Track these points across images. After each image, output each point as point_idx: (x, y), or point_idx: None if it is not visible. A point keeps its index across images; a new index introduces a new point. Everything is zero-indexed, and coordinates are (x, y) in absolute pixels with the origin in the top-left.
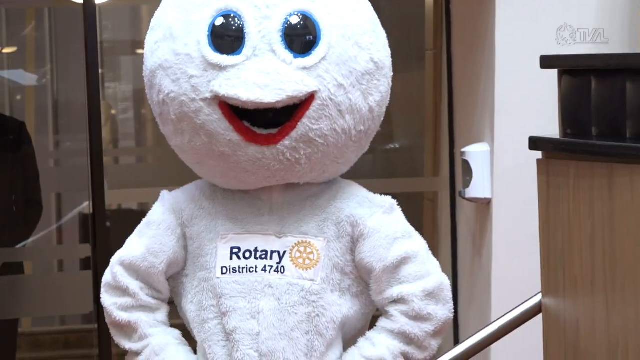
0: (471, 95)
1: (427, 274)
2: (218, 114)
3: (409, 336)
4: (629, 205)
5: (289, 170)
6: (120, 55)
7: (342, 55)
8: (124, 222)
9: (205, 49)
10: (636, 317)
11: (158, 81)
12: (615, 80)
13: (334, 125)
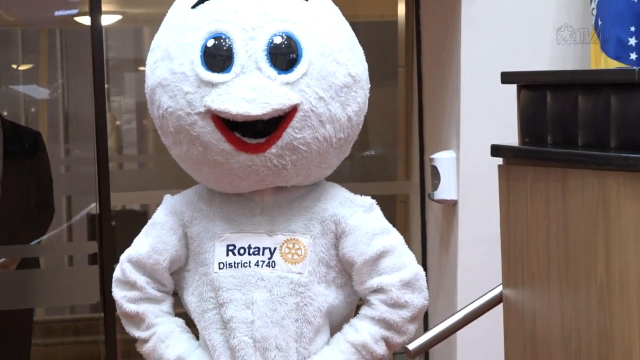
0: (439, 107)
1: (403, 266)
2: (211, 126)
3: (389, 322)
4: (580, 206)
5: (276, 175)
6: (124, 71)
7: (322, 71)
8: (127, 222)
9: (198, 67)
10: (587, 307)
11: (158, 97)
12: (568, 94)
13: (316, 134)
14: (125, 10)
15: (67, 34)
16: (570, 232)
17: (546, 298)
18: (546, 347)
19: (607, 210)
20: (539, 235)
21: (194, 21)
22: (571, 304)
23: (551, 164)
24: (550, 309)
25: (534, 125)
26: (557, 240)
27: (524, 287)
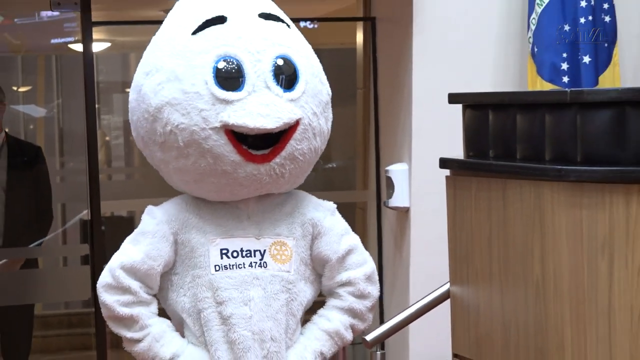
0: (393, 124)
1: (365, 262)
2: (224, 140)
3: (355, 311)
4: (518, 212)
5: (274, 183)
6: (113, 93)
7: (314, 90)
8: (116, 227)
9: (212, 87)
10: (525, 303)
11: (165, 115)
12: (507, 113)
13: (310, 145)
14: (113, 39)
15: (62, 59)
16: (509, 235)
17: (488, 294)
18: (488, 338)
19: (542, 216)
20: (482, 238)
21: (200, 46)
22: (510, 299)
23: (493, 175)
24: (492, 304)
25: (478, 140)
26: (498, 242)
27: (468, 285)
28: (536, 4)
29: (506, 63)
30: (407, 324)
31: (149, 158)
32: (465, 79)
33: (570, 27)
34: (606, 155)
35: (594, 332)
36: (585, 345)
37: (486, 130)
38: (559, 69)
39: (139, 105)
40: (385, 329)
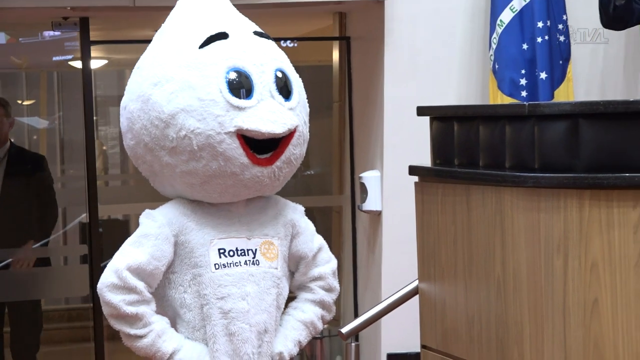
0: (366, 135)
1: (330, 259)
2: (237, 143)
3: (325, 303)
4: (481, 216)
5: (271, 185)
6: (109, 106)
7: (303, 100)
8: (112, 229)
9: (227, 95)
10: (487, 298)
11: (180, 121)
12: (471, 124)
13: (302, 150)
14: (110, 56)
15: (62, 75)
16: (473, 236)
17: (453, 290)
18: (454, 331)
19: (502, 219)
20: (448, 239)
21: (210, 58)
22: (474, 295)
23: (457, 182)
24: (457, 299)
25: (444, 149)
26: (463, 243)
27: (435, 282)
28: (497, 25)
29: (469, 79)
30: (380, 317)
31: (148, 165)
32: (432, 93)
33: (528, 46)
34: (561, 163)
35: (550, 325)
36: (542, 337)
37: (451, 140)
38: (518, 84)
39: (146, 113)
40: (359, 322)
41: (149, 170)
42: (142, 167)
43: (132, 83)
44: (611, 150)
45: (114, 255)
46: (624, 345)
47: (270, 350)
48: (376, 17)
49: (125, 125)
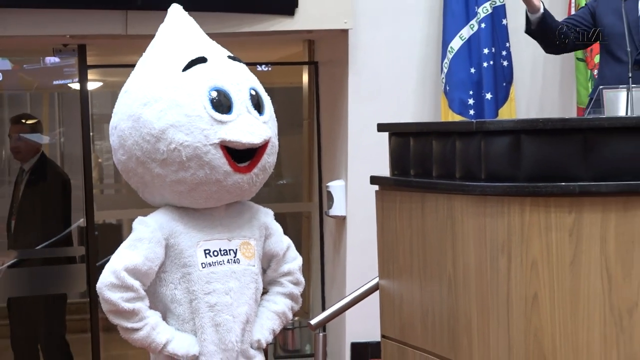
0: (332, 148)
1: (297, 256)
2: (220, 153)
3: (293, 295)
4: (434, 220)
5: (248, 190)
6: (104, 123)
7: (272, 115)
8: (107, 232)
9: (210, 111)
10: (439, 293)
11: (170, 136)
12: (425, 139)
13: (273, 159)
14: (105, 79)
15: (63, 96)
16: (427, 239)
17: (410, 286)
18: (410, 322)
19: (453, 223)
20: (405, 241)
21: (193, 79)
22: (428, 291)
23: (413, 190)
24: (413, 294)
25: (401, 162)
26: (418, 244)
27: (394, 279)
28: (448, 52)
29: (424, 99)
30: (344, 310)
31: (139, 177)
32: (391, 112)
33: (475, 70)
34: (505, 174)
35: (495, 317)
36: (488, 328)
37: (408, 153)
38: (466, 104)
39: (138, 130)
40: (326, 314)
41: (140, 182)
42: (133, 180)
43: (120, 105)
44: (549, 162)
45: (109, 256)
46: (560, 335)
47: (250, 338)
48: (341, 44)
49: (117, 142)
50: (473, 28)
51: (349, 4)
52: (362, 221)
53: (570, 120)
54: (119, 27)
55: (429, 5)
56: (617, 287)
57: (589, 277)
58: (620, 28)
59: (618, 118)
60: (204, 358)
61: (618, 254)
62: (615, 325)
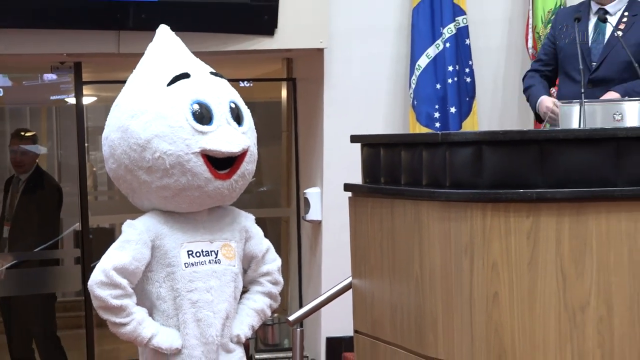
0: (309, 158)
1: (276, 258)
2: (201, 161)
3: (272, 294)
4: (402, 224)
5: (229, 196)
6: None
7: (252, 127)
8: (100, 236)
9: (192, 122)
10: (407, 292)
11: (154, 145)
12: (394, 149)
13: (253, 167)
14: (99, 94)
15: (59, 110)
16: (396, 241)
17: (380, 285)
18: (381, 318)
19: (420, 227)
20: (376, 243)
21: (177, 93)
22: (397, 289)
23: (384, 196)
24: (383, 293)
25: (372, 170)
26: (388, 247)
27: (366, 278)
28: (415, 69)
29: (393, 112)
30: (320, 307)
31: (128, 183)
32: (363, 124)
33: (441, 86)
34: (468, 182)
35: (459, 314)
36: (452, 324)
37: (378, 162)
38: (433, 117)
39: (126, 140)
40: (303, 311)
41: (129, 188)
42: (123, 186)
43: (111, 118)
44: (508, 171)
45: (102, 257)
46: (518, 331)
47: (230, 333)
48: (317, 62)
49: (108, 152)
50: (439, 47)
51: (324, 25)
52: (337, 225)
53: (527, 132)
54: (112, 46)
55: (398, 26)
56: (571, 286)
57: (545, 277)
58: (574, 50)
59: (571, 130)
60: (186, 351)
61: (572, 255)
62: (569, 321)
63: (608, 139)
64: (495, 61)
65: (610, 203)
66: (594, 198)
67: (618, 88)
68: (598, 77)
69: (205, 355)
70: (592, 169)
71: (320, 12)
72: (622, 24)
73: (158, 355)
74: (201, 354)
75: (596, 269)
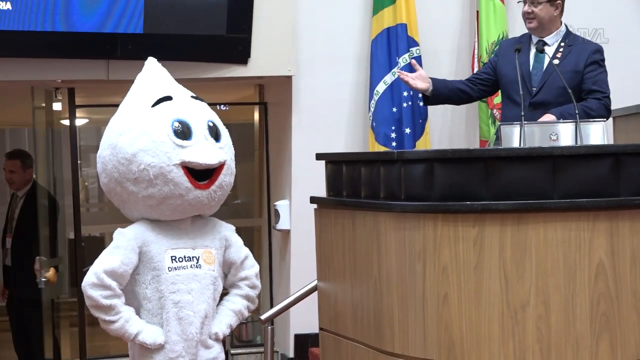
0: (279, 174)
1: (254, 264)
2: (181, 172)
3: (249, 297)
4: (363, 232)
5: (208, 205)
6: (90, 153)
7: (229, 143)
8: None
9: (173, 138)
10: (367, 292)
11: (139, 158)
12: (355, 166)
13: (230, 179)
14: (91, 116)
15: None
16: (357, 248)
17: (343, 287)
18: (343, 317)
19: (378, 235)
20: (339, 249)
21: (159, 113)
22: (357, 290)
23: (346, 208)
24: (345, 294)
25: (336, 184)
26: (349, 252)
27: (329, 280)
28: (374, 94)
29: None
30: (289, 307)
31: (118, 195)
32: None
33: (397, 109)
34: (420, 195)
35: (413, 312)
36: (407, 321)
37: (341, 178)
38: (389, 137)
39: (115, 156)
40: (274, 311)
41: (120, 200)
42: (115, 199)
43: (104, 138)
44: (457, 185)
45: (94, 261)
46: (466, 327)
47: (209, 331)
48: (286, 88)
49: (100, 168)
50: (394, 75)
51: (292, 54)
52: (304, 234)
53: (474, 151)
54: (102, 73)
55: (358, 56)
56: (513, 287)
57: (490, 279)
58: (515, 77)
59: (513, 149)
60: (168, 346)
61: (513, 260)
62: (511, 318)
63: (545, 156)
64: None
65: (547, 214)
66: (533, 209)
67: (554, 111)
68: (537, 101)
69: (186, 350)
70: (531, 183)
71: (288, 44)
72: (558, 53)
73: (144, 350)
74: (182, 349)
75: (535, 273)
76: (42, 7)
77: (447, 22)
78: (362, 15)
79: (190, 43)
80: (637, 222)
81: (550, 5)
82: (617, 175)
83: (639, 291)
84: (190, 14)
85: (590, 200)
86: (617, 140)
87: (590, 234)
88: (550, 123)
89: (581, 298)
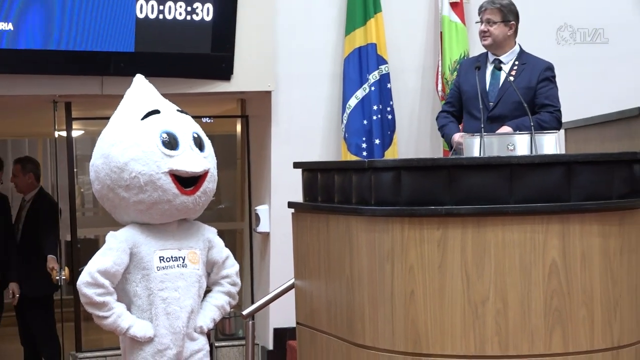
0: (259, 181)
1: (235, 263)
2: (169, 180)
3: (231, 293)
4: (336, 235)
5: (194, 209)
6: (85, 162)
7: (212, 153)
8: (86, 245)
9: (161, 148)
10: (340, 290)
11: (131, 167)
12: (329, 173)
13: (213, 186)
14: (86, 128)
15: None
16: (330, 249)
17: (317, 284)
18: (318, 313)
19: (350, 237)
20: (314, 250)
21: (148, 126)
22: (331, 288)
23: (320, 212)
24: (320, 291)
25: (311, 191)
26: (324, 253)
27: (306, 279)
28: (347, 108)
29: (329, 144)
30: (269, 304)
31: (110, 201)
32: (304, 153)
33: (367, 122)
34: (389, 200)
35: (382, 308)
36: (377, 317)
37: (316, 184)
38: (361, 147)
39: (107, 165)
40: (255, 307)
41: (112, 205)
42: (107, 204)
43: (97, 148)
44: (422, 191)
45: (88, 262)
46: (431, 322)
47: (194, 325)
48: (266, 102)
49: (93, 176)
50: (365, 90)
51: (271, 71)
52: (282, 236)
53: (438, 160)
54: (97, 88)
55: (331, 73)
56: (473, 285)
57: (452, 278)
58: (475, 93)
59: (473, 158)
60: (157, 339)
61: (474, 260)
62: (472, 313)
63: (503, 165)
64: (412, 102)
65: (505, 217)
66: (492, 213)
67: (511, 123)
68: (495, 114)
69: (174, 343)
70: (490, 189)
71: (268, 62)
72: (513, 71)
73: (134, 343)
74: (170, 342)
75: (494, 271)
76: (41, 28)
77: (413, 42)
78: (335, 36)
79: (178, 61)
80: (587, 225)
81: (505, 26)
82: (568, 182)
83: (588, 288)
84: (177, 34)
85: (544, 205)
86: (569, 150)
87: (544, 236)
88: (507, 134)
89: (536, 294)
